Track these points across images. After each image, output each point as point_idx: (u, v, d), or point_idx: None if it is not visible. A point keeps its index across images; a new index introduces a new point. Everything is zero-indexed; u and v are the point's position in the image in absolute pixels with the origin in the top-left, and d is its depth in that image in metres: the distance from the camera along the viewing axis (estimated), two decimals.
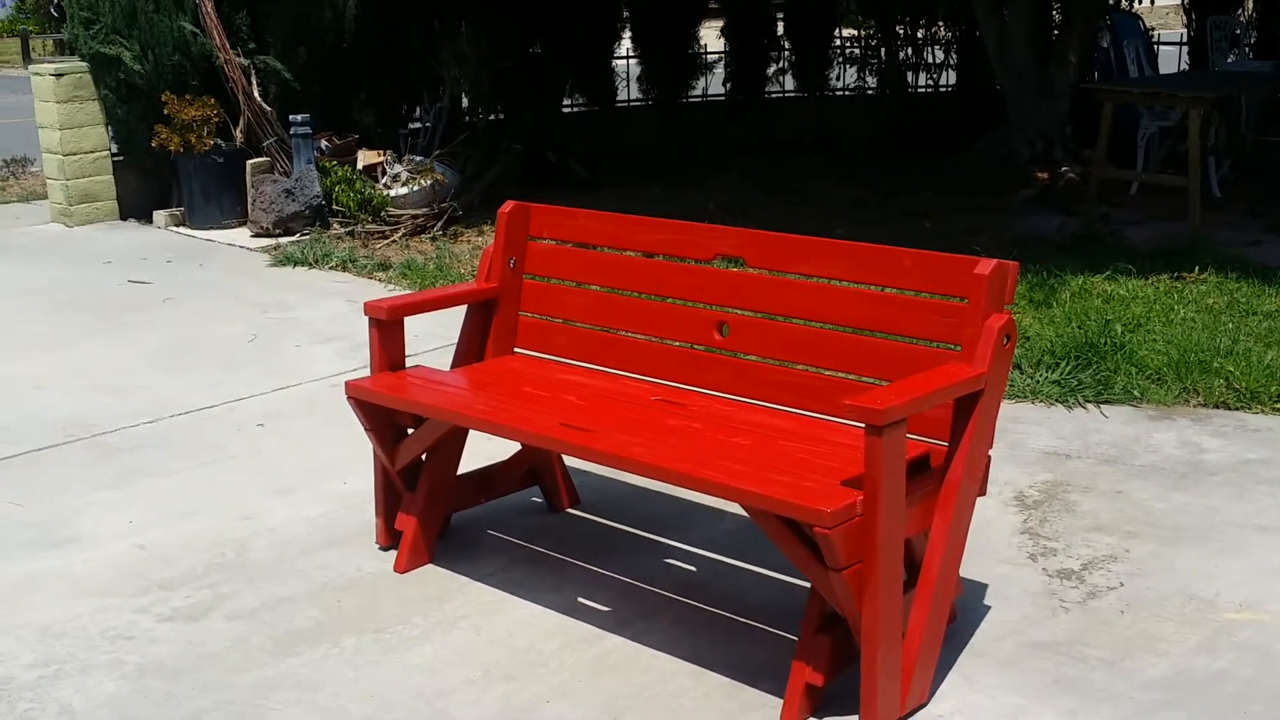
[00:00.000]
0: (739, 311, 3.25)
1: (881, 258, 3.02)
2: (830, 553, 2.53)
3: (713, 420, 3.14)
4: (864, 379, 3.00)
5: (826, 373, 3.12)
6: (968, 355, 2.76)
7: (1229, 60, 9.81)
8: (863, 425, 2.52)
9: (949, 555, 2.76)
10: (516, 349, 3.67)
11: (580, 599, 3.27)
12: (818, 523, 2.50)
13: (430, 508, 3.48)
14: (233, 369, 5.25)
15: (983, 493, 2.88)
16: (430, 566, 3.47)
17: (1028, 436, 4.28)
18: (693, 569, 3.47)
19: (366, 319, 3.47)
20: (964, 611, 3.13)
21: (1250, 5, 11.60)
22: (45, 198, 8.70)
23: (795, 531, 2.61)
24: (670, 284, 3.43)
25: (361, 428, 3.40)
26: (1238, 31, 10.36)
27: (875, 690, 2.62)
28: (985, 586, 3.29)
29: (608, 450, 2.93)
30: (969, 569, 3.33)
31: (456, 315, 3.68)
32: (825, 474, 2.72)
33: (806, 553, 2.61)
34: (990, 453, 2.85)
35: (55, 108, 8.19)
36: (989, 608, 3.18)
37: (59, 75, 8.18)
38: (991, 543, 3.53)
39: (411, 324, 3.58)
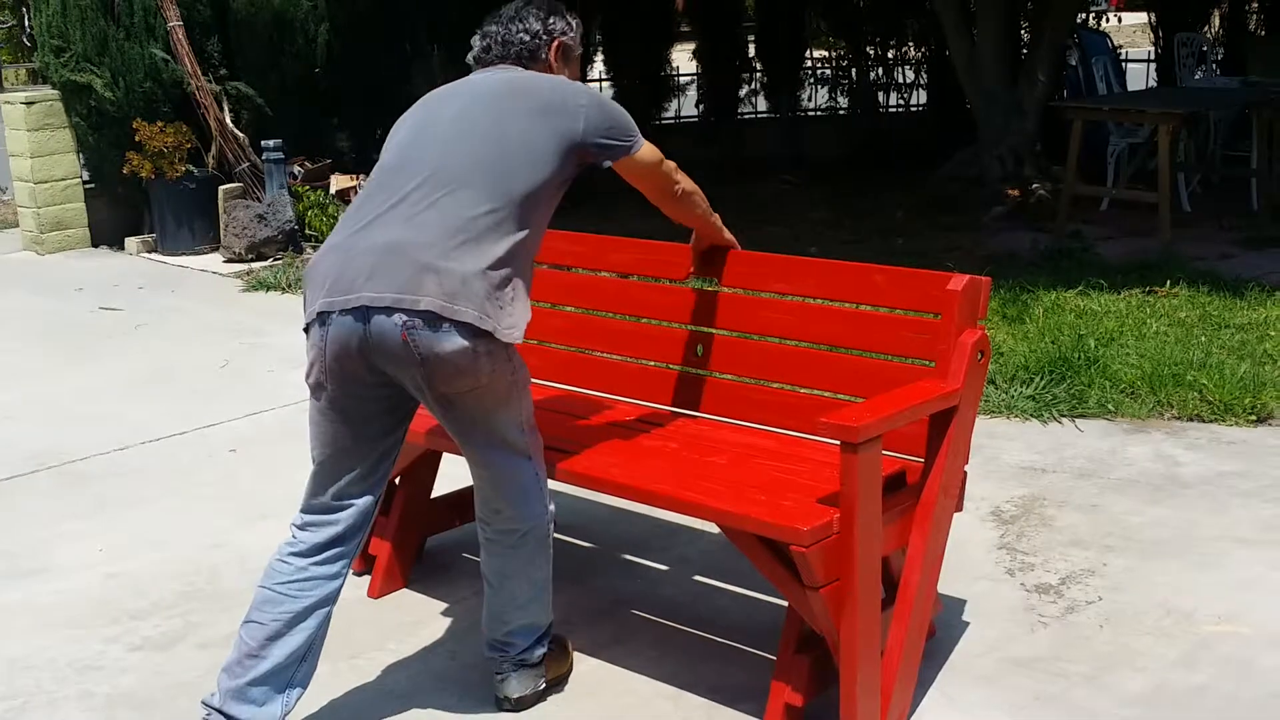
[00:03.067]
0: (714, 331, 3.24)
1: (854, 275, 3.02)
2: (807, 571, 2.51)
3: (689, 440, 3.12)
4: (840, 396, 2.99)
5: (802, 390, 3.11)
6: (942, 371, 2.76)
7: (1196, 77, 9.89)
8: (838, 442, 2.51)
9: (927, 572, 2.75)
10: None
11: (557, 622, 3.24)
12: (794, 541, 2.49)
13: (404, 532, 3.44)
14: (205, 395, 5.21)
15: (959, 509, 2.87)
16: (405, 591, 3.44)
17: (1003, 452, 4.28)
18: (670, 590, 3.45)
19: None
20: (943, 628, 3.11)
21: (1217, 23, 11.73)
22: (16, 225, 8.64)
23: (772, 550, 2.60)
24: (644, 304, 3.42)
25: None
26: (1204, 49, 10.45)
27: (855, 709, 2.60)
28: (964, 602, 3.28)
29: (584, 471, 2.91)
30: (947, 585, 3.32)
31: None
32: (802, 492, 2.70)
33: (784, 571, 2.59)
34: (966, 468, 2.85)
35: (26, 135, 8.14)
36: (968, 624, 3.17)
37: (30, 103, 8.14)
38: (969, 558, 3.52)
39: None
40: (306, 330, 2.61)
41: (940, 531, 2.77)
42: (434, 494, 3.58)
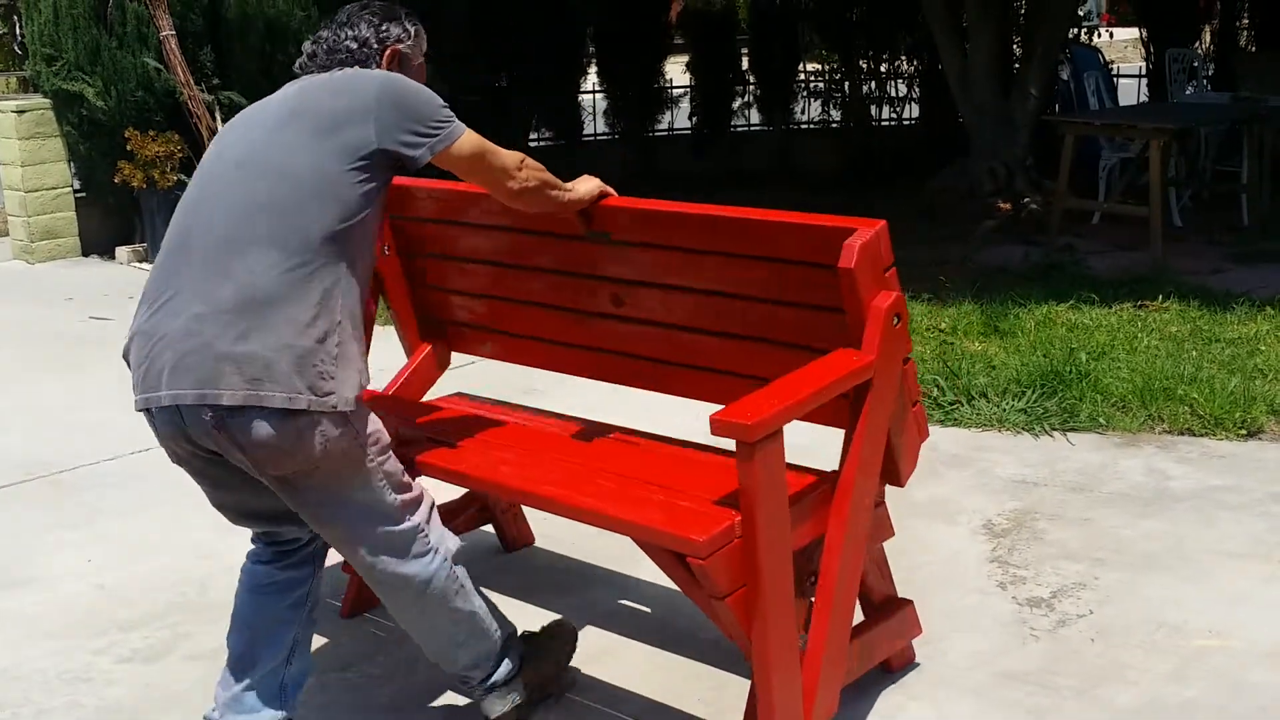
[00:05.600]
0: (628, 282, 2.98)
1: (751, 230, 2.70)
2: (708, 582, 2.37)
3: (595, 443, 2.98)
4: (767, 339, 2.76)
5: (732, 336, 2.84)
6: (855, 338, 2.53)
7: (1187, 92, 9.94)
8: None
9: (847, 561, 2.58)
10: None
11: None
12: (691, 553, 2.35)
13: None
14: None
15: (900, 483, 2.77)
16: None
17: (995, 465, 4.28)
18: (652, 604, 3.43)
19: None
20: (934, 641, 3.11)
21: (1208, 38, 11.78)
22: (7, 235, 8.61)
23: (674, 554, 2.45)
24: (544, 259, 3.11)
25: None
26: (1195, 64, 10.49)
27: (773, 716, 2.46)
28: (955, 616, 3.27)
29: (470, 472, 2.77)
30: (939, 598, 3.32)
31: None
32: (703, 489, 2.57)
33: (689, 577, 2.45)
34: (964, 479, 2.83)
35: (17, 144, 8.12)
36: (959, 637, 3.17)
37: (21, 112, 8.12)
38: (961, 571, 3.52)
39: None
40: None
41: (861, 515, 2.59)
42: None
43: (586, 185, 2.82)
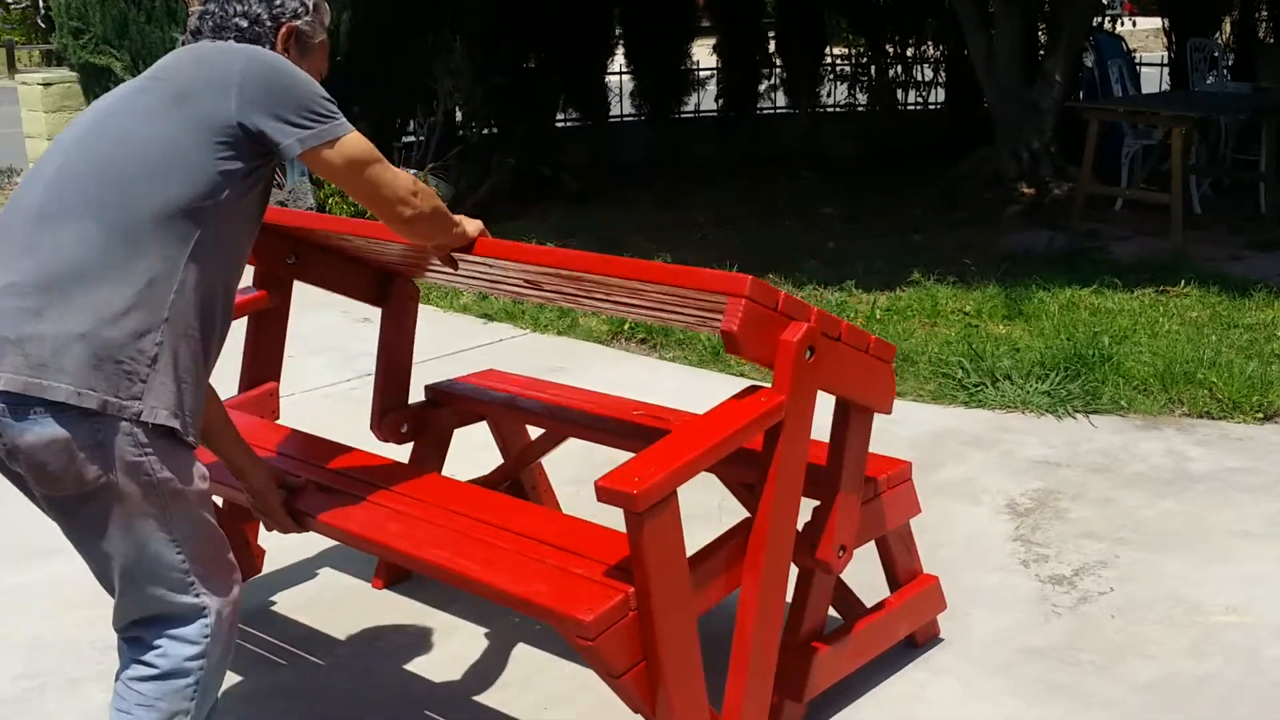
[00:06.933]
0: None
1: (638, 295, 2.52)
2: (600, 662, 2.12)
3: (498, 506, 2.62)
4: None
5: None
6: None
7: (1208, 81, 9.91)
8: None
9: (764, 616, 2.35)
10: None
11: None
12: (578, 634, 2.08)
13: None
14: (222, 382, 5.21)
15: (888, 411, 2.63)
16: (419, 576, 3.46)
17: (1019, 446, 4.32)
18: None
19: (362, 330, 3.44)
20: (959, 617, 3.15)
21: (1228, 29, 11.74)
22: None
23: None
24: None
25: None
26: (1216, 54, 10.46)
27: None
28: (979, 593, 3.32)
29: (357, 530, 2.49)
30: (963, 575, 3.37)
31: (442, 325, 3.66)
32: (600, 552, 2.30)
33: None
34: (988, 459, 2.87)
35: (43, 117, 8.20)
36: (983, 614, 3.21)
37: (47, 85, 8.20)
38: (985, 550, 3.57)
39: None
40: None
41: (779, 563, 2.36)
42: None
43: (473, 225, 2.53)
